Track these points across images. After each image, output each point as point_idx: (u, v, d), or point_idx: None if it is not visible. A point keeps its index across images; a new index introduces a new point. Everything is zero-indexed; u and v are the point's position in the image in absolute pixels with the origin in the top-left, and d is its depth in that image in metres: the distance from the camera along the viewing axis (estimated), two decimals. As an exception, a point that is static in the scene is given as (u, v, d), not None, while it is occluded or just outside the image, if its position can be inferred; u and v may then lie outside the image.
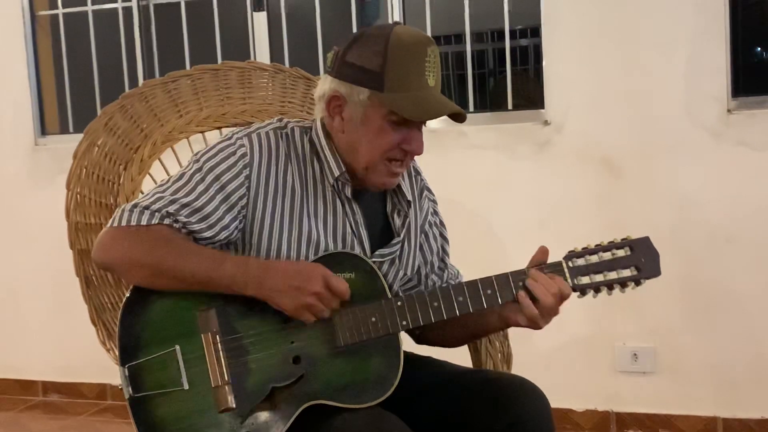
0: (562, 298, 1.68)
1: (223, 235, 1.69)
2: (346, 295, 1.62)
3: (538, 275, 1.68)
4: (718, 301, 3.17)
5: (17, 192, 3.97)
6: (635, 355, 3.25)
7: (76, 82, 4.01)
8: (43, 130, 4.02)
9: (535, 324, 1.70)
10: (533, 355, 2.81)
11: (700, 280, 3.17)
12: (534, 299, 1.67)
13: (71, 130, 3.99)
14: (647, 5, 3.15)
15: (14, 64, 3.96)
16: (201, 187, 1.67)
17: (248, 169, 1.70)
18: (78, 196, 2.03)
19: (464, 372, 1.86)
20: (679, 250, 3.12)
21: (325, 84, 1.73)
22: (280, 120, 1.81)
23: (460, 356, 1.96)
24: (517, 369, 1.97)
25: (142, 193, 2.01)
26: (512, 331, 2.03)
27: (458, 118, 1.70)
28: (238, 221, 1.70)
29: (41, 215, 3.69)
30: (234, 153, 1.70)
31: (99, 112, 2.14)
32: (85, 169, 2.05)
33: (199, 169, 1.69)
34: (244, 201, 1.69)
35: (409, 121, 1.66)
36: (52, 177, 3.71)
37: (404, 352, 1.83)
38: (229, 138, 1.73)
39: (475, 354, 2.03)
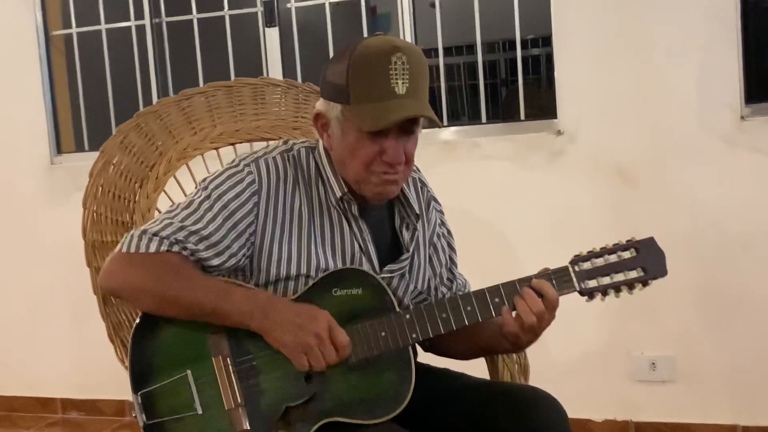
0: (552, 310, 1.67)
1: (232, 262, 1.69)
2: (345, 349, 1.61)
3: (526, 292, 1.66)
4: (735, 308, 3.15)
5: (34, 210, 3.99)
6: (653, 364, 3.24)
7: (91, 101, 4.04)
8: (59, 149, 4.04)
9: (518, 341, 1.70)
10: (551, 366, 2.81)
11: (716, 287, 3.16)
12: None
13: (86, 148, 4.02)
14: (658, 13, 3.15)
15: (29, 83, 3.99)
16: (209, 215, 1.67)
17: (257, 196, 1.70)
18: (94, 214, 2.05)
19: (480, 383, 1.86)
20: (694, 258, 3.11)
21: (317, 103, 1.73)
22: (286, 142, 1.81)
23: (476, 368, 1.96)
24: (535, 380, 1.97)
25: (159, 211, 2.02)
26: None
27: (436, 120, 1.66)
28: (246, 248, 1.70)
29: (58, 233, 3.71)
30: (242, 180, 1.70)
31: (114, 130, 2.17)
32: (101, 188, 2.07)
33: (208, 197, 1.69)
34: (253, 228, 1.70)
35: (385, 130, 1.63)
36: (69, 195, 3.74)
37: (420, 363, 1.84)
38: (237, 165, 1.73)
39: (491, 365, 2.03)
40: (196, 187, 1.75)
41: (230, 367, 1.64)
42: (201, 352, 1.65)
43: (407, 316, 1.66)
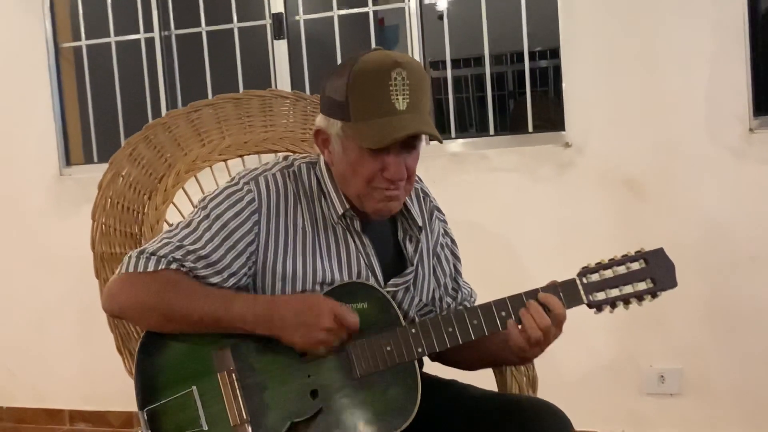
0: (559, 325, 1.67)
1: (232, 281, 1.69)
2: (356, 328, 1.62)
3: (532, 306, 1.66)
4: (744, 321, 3.14)
5: (43, 222, 4.00)
6: (662, 376, 3.23)
7: (100, 113, 4.05)
8: (68, 161, 4.06)
9: (524, 354, 1.69)
10: (559, 378, 2.80)
11: (725, 299, 3.15)
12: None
13: (95, 160, 4.03)
14: (666, 25, 3.15)
15: (39, 95, 4.01)
16: (208, 235, 1.67)
17: (257, 214, 1.69)
18: (103, 226, 2.06)
19: (487, 395, 1.85)
20: (703, 270, 3.10)
21: (316, 120, 1.73)
22: (286, 158, 1.80)
23: (485, 380, 1.96)
24: (543, 392, 1.96)
25: (168, 222, 2.03)
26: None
27: (437, 136, 1.65)
28: (247, 267, 1.70)
29: (67, 245, 3.72)
30: (241, 199, 1.69)
31: (123, 142, 2.17)
32: (110, 200, 2.08)
33: (207, 216, 1.68)
34: (253, 247, 1.69)
35: (387, 147, 1.62)
36: (78, 207, 3.75)
37: (428, 375, 1.84)
38: (236, 183, 1.72)
39: (500, 377, 2.03)
40: (195, 206, 1.75)
41: (235, 382, 1.64)
42: (206, 367, 1.65)
43: (413, 331, 1.66)
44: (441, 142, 1.69)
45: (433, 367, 1.90)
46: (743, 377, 3.15)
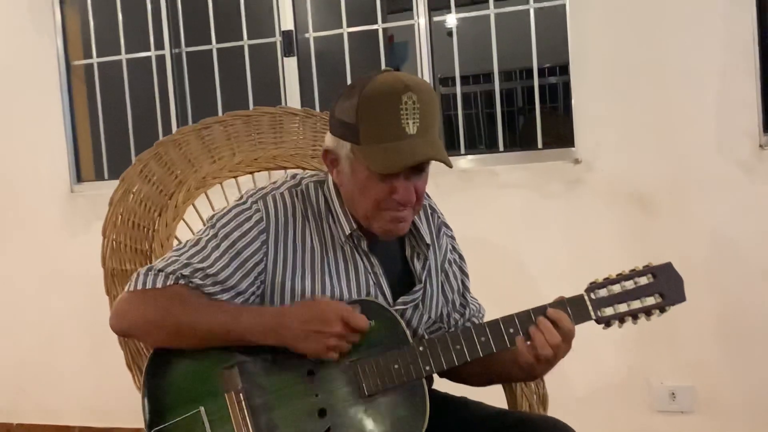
0: (569, 341, 1.66)
1: (239, 300, 1.69)
2: (365, 328, 1.63)
3: (542, 323, 1.65)
4: (756, 337, 3.12)
5: (53, 238, 4.01)
6: (673, 394, 3.21)
7: (111, 130, 4.07)
8: (79, 177, 4.07)
9: (533, 371, 1.69)
10: (569, 396, 2.79)
11: (736, 315, 3.13)
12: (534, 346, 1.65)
13: (106, 176, 4.05)
14: (676, 41, 3.15)
15: (50, 112, 4.03)
16: (216, 254, 1.67)
17: (264, 234, 1.69)
18: (114, 242, 2.06)
19: (497, 413, 1.84)
20: (714, 287, 3.09)
21: (325, 139, 1.73)
22: (294, 177, 1.80)
23: (495, 397, 1.95)
24: (553, 410, 1.95)
25: (178, 239, 2.03)
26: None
27: (447, 162, 1.63)
28: (255, 287, 1.70)
29: (77, 261, 3.73)
30: (249, 218, 1.69)
31: (133, 159, 2.18)
32: (120, 216, 2.08)
33: (215, 235, 1.68)
34: (261, 267, 1.69)
35: None
36: (88, 223, 3.76)
37: (438, 392, 1.83)
38: (244, 202, 1.72)
39: (510, 395, 2.02)
40: (204, 224, 1.75)
41: (243, 402, 1.63)
42: (214, 387, 1.65)
43: (420, 348, 1.66)
44: (450, 167, 1.67)
45: (444, 385, 1.90)
46: (755, 395, 3.13)
